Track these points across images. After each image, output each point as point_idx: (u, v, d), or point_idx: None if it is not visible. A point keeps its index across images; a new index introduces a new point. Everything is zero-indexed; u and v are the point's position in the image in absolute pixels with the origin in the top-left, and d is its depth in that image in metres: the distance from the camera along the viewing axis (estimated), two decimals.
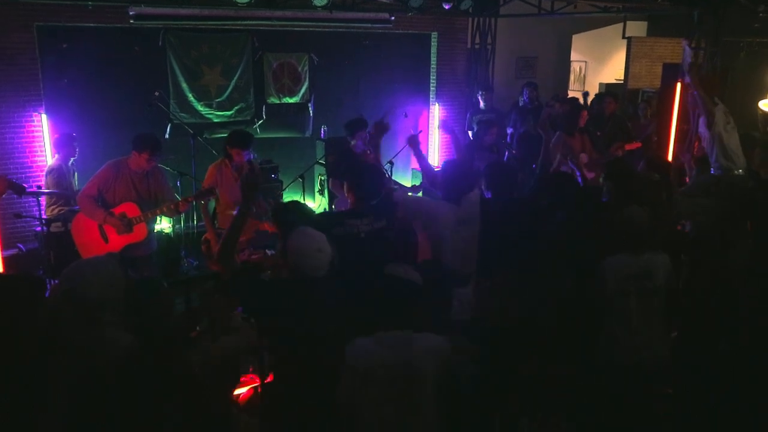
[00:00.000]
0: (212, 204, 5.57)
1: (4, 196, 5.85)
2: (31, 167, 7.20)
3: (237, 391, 3.85)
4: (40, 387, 2.30)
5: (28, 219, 6.46)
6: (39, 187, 6.59)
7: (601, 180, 4.66)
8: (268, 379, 3.35)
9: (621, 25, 11.82)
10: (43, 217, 6.02)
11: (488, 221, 4.11)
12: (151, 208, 4.97)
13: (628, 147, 7.30)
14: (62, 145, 6.56)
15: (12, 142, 7.17)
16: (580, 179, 5.18)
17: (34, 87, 7.20)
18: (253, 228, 4.91)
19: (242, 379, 3.98)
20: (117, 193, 4.92)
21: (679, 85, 7.56)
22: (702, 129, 5.72)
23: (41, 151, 7.29)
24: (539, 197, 4.54)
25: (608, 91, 10.30)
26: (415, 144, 4.81)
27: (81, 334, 2.38)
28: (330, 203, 7.51)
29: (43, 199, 6.20)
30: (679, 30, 8.83)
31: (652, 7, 8.22)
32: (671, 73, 8.02)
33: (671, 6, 7.86)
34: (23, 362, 2.30)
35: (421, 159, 4.85)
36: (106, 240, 4.94)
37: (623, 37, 11.68)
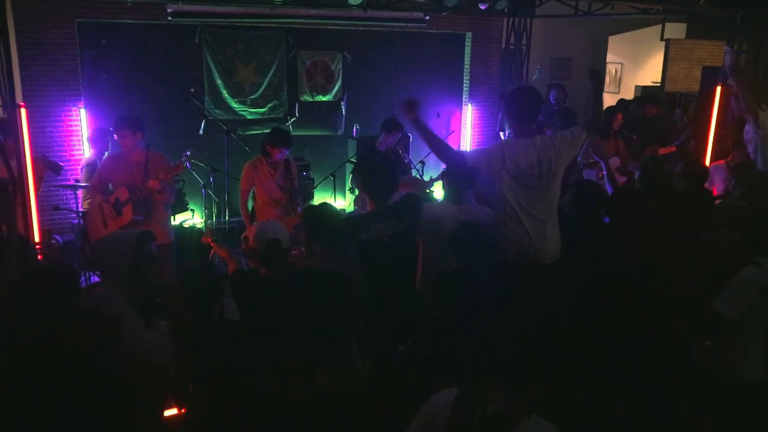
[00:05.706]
0: (250, 202, 5.67)
1: (43, 180, 6.04)
2: (70, 161, 7.34)
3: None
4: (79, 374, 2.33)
5: (65, 211, 6.63)
6: (77, 180, 6.74)
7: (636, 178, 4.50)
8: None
9: (659, 26, 11.57)
10: (80, 209, 6.15)
11: None
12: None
13: (662, 151, 7.21)
14: (96, 139, 6.70)
15: (52, 135, 7.32)
16: (608, 183, 5.05)
17: (73, 82, 7.35)
18: (291, 224, 4.95)
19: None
20: (117, 181, 5.18)
21: (719, 88, 7.39)
22: (749, 133, 5.53)
23: (79, 145, 7.45)
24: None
25: (648, 93, 10.11)
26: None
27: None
28: (356, 201, 7.53)
29: (79, 192, 6.33)
30: (720, 32, 8.63)
31: (693, 8, 8.03)
32: (711, 76, 7.84)
33: (713, 8, 7.68)
34: (64, 350, 2.34)
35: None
36: (105, 225, 5.17)
37: (661, 39, 11.45)
